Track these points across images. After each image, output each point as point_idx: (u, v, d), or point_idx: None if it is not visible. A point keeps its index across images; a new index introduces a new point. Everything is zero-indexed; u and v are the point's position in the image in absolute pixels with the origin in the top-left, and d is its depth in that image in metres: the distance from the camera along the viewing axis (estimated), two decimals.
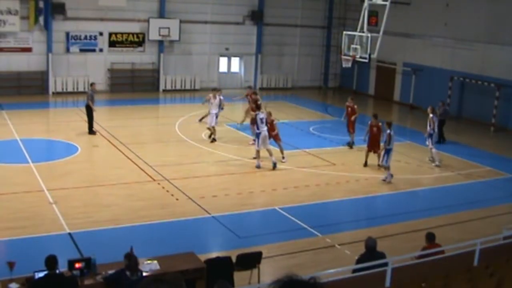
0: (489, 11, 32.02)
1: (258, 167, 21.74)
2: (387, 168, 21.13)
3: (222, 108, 26.07)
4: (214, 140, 24.68)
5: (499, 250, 11.90)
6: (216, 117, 25.28)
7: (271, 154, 21.92)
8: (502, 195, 20.60)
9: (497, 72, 31.37)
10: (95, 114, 25.45)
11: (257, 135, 21.88)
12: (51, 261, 10.14)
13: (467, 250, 11.40)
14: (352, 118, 25.32)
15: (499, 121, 31.31)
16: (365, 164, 22.74)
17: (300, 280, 3.68)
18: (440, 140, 26.86)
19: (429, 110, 24.19)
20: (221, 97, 25.94)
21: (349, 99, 26.09)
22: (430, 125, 23.70)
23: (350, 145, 25.35)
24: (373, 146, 22.83)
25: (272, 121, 22.77)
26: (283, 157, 22.62)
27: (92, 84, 26.73)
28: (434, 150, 23.74)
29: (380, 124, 22.81)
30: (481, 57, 32.51)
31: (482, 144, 27.53)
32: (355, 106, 25.55)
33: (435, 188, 21.04)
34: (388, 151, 20.96)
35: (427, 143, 23.97)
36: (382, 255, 11.12)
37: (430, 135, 23.76)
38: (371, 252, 11.27)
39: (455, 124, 32.46)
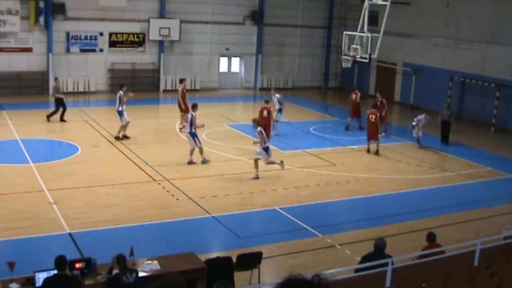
0: (489, 11, 32.02)
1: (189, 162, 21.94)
2: None
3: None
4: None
5: (499, 250, 11.89)
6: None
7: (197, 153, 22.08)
8: (502, 195, 20.59)
9: (497, 72, 31.36)
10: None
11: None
12: (60, 261, 10.13)
13: (468, 250, 11.39)
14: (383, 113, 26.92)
15: (499, 121, 31.30)
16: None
17: (302, 280, 3.65)
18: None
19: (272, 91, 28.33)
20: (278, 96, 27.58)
21: (377, 94, 28.35)
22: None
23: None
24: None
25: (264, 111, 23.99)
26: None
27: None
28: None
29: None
30: (481, 57, 32.51)
31: (482, 144, 27.52)
32: (384, 101, 27.58)
33: (435, 188, 21.01)
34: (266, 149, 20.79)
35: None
36: (388, 257, 11.09)
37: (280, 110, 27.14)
38: (378, 252, 11.26)
39: (455, 124, 32.44)
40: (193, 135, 21.74)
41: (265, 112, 24.32)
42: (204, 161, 22.05)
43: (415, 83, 36.61)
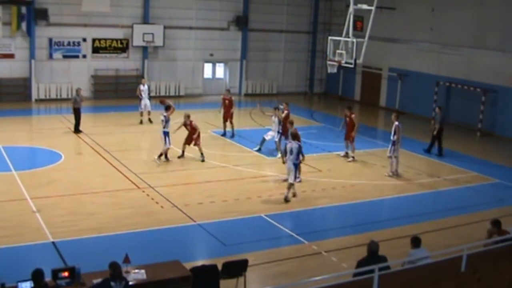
0: (474, 16, 32.10)
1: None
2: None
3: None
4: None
5: (486, 255, 11.82)
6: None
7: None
8: (488, 200, 20.57)
9: (483, 77, 31.44)
10: None
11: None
12: (37, 275, 9.91)
13: (454, 256, 11.30)
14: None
15: (485, 126, 31.35)
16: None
17: None
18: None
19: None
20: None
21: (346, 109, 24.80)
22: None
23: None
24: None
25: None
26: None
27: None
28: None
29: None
30: (467, 62, 32.58)
31: (468, 149, 27.52)
32: (353, 116, 24.43)
33: (421, 194, 20.97)
34: None
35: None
36: (383, 259, 11.01)
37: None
38: (372, 255, 11.16)
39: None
40: (165, 134, 22.80)
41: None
42: (156, 160, 22.65)
43: (401, 88, 36.65)
